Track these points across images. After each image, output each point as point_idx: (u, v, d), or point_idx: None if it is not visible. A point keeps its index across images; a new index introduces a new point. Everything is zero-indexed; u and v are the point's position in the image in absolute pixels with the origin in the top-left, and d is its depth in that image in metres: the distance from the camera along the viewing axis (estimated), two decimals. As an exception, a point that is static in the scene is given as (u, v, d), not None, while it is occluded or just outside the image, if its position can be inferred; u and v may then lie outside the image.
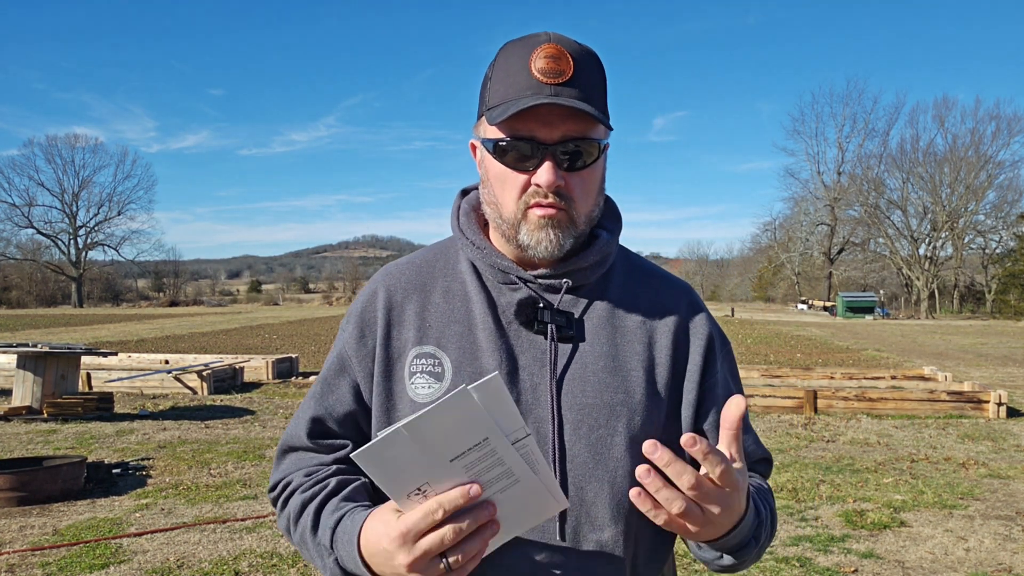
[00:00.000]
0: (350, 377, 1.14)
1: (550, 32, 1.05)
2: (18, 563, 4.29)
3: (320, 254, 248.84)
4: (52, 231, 67.69)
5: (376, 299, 1.16)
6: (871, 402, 9.35)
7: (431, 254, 1.21)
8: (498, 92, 1.05)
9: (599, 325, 1.12)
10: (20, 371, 8.58)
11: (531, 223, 1.06)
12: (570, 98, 1.01)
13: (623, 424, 1.08)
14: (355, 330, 1.15)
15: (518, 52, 1.04)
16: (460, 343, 1.10)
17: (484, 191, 1.12)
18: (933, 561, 4.39)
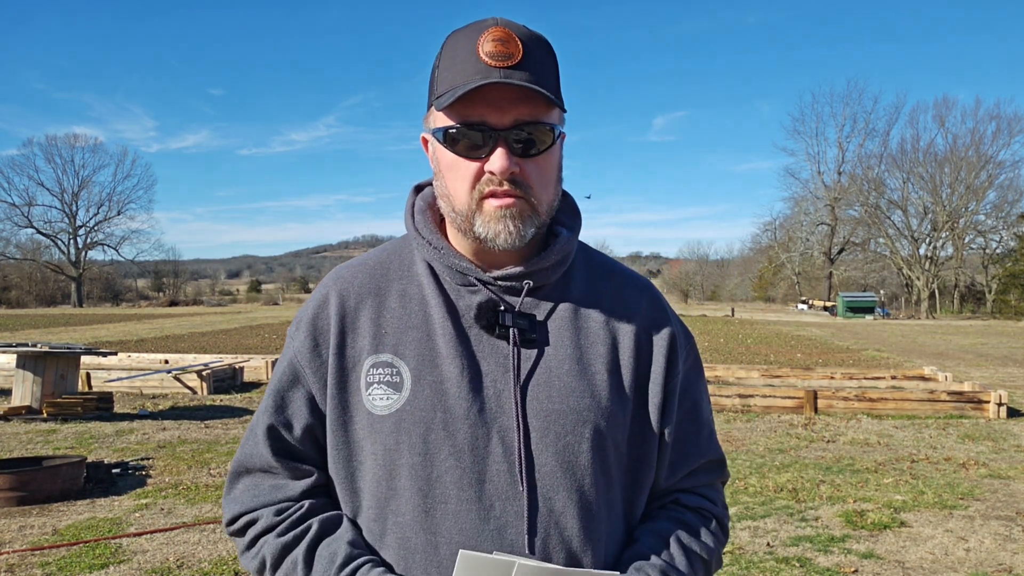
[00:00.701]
0: (304, 389, 1.07)
1: (497, 16, 1.02)
2: (18, 563, 4.28)
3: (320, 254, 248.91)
4: (52, 231, 67.74)
5: (328, 304, 1.08)
6: (871, 402, 9.34)
7: (384, 255, 1.14)
8: (446, 79, 1.00)
9: (562, 327, 1.07)
10: (20, 371, 8.58)
11: (487, 214, 1.01)
12: (521, 73, 0.97)
13: (590, 429, 1.04)
14: (307, 338, 1.07)
15: (465, 38, 1.00)
16: (419, 350, 1.04)
17: (437, 184, 1.07)
18: (933, 561, 4.39)
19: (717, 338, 23.02)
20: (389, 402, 1.02)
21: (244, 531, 1.08)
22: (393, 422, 1.02)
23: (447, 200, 1.04)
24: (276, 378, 1.10)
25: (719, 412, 9.34)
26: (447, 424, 1.01)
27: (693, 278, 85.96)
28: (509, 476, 1.01)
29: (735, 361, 15.74)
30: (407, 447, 1.01)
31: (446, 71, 1.01)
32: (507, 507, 1.00)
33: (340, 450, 1.05)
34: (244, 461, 1.10)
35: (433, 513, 1.00)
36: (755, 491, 5.83)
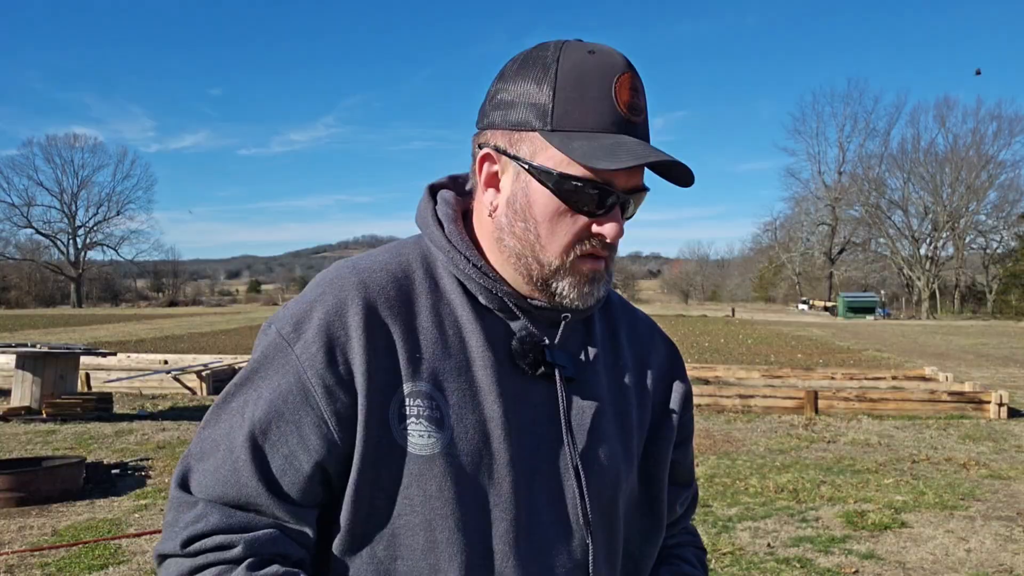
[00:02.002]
0: (315, 412, 0.88)
1: (612, 48, 0.91)
2: (17, 563, 4.27)
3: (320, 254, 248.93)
4: (51, 231, 67.87)
5: (347, 310, 0.89)
6: (872, 403, 9.34)
7: (405, 260, 0.96)
8: (572, 116, 0.87)
9: (597, 371, 1.00)
10: (19, 371, 8.57)
11: (579, 275, 0.92)
12: (647, 140, 0.90)
13: (624, 482, 0.99)
14: (321, 348, 0.87)
15: (596, 70, 0.88)
16: (458, 383, 0.91)
17: (509, 221, 0.92)
18: (934, 562, 4.38)
19: (717, 338, 23.02)
20: (431, 441, 0.88)
21: (197, 560, 0.87)
22: (435, 465, 0.88)
23: (527, 245, 0.91)
24: (265, 388, 0.89)
25: (719, 412, 9.34)
26: (493, 471, 0.90)
27: (693, 278, 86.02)
28: (563, 528, 0.94)
29: (735, 361, 15.74)
30: (452, 495, 0.89)
31: (573, 103, 0.87)
32: (558, 563, 0.94)
33: (364, 493, 0.89)
34: (216, 488, 0.88)
35: (477, 569, 0.90)
36: (756, 492, 5.82)
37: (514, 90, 0.90)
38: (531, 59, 0.91)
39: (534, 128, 0.88)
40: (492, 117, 0.92)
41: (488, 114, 0.93)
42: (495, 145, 0.92)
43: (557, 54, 0.89)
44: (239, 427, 0.88)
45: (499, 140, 0.92)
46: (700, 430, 8.26)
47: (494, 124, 0.92)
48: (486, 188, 0.94)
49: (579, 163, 0.86)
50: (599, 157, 0.85)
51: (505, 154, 0.91)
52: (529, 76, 0.89)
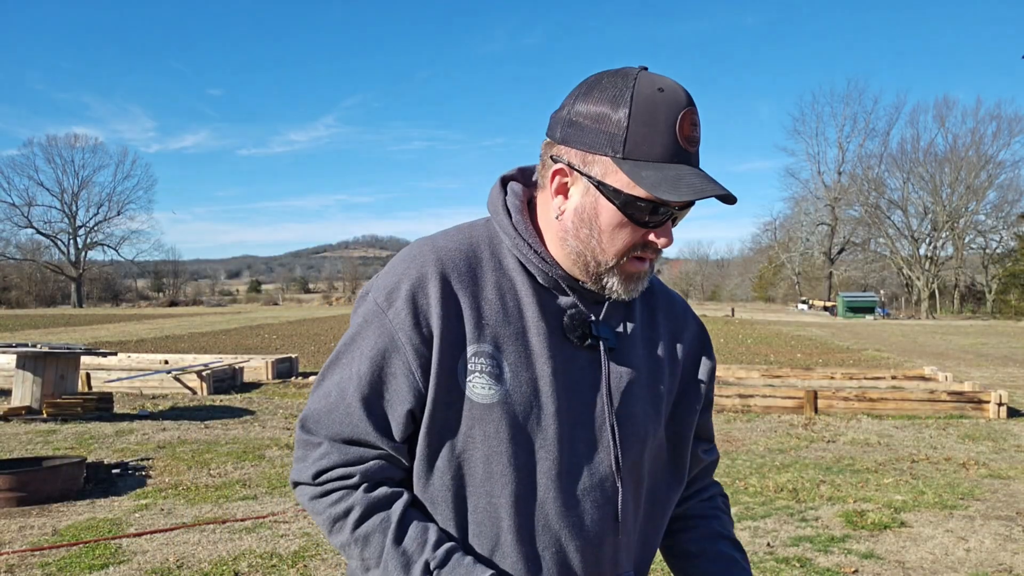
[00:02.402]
0: (405, 364, 1.07)
1: (680, 85, 1.06)
2: (17, 563, 4.28)
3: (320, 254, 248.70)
4: (52, 231, 67.78)
5: (428, 282, 1.08)
6: (871, 402, 9.34)
7: (474, 241, 1.14)
8: (641, 147, 1.02)
9: (635, 344, 1.18)
10: (19, 371, 8.58)
11: (626, 274, 1.10)
12: (705, 174, 1.05)
13: (651, 438, 1.17)
14: (408, 314, 1.07)
15: (664, 106, 1.02)
16: (516, 346, 1.09)
17: (575, 226, 1.08)
18: (934, 561, 4.39)
19: (717, 338, 23.03)
20: (491, 392, 1.07)
21: (325, 487, 1.10)
22: (493, 411, 1.07)
23: (586, 245, 1.08)
24: (367, 346, 1.08)
25: (719, 412, 9.34)
26: (541, 419, 1.09)
27: (693, 278, 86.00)
28: (597, 471, 1.11)
29: (735, 361, 15.74)
30: (506, 436, 1.07)
31: (643, 136, 1.02)
32: (590, 499, 1.11)
33: (439, 432, 1.09)
34: (333, 429, 1.09)
35: (527, 500, 1.09)
36: (755, 491, 5.82)
37: (590, 114, 1.05)
38: (607, 87, 1.05)
39: (606, 153, 1.04)
40: (567, 134, 1.07)
41: (563, 130, 1.07)
42: (569, 161, 1.07)
43: (631, 89, 1.03)
44: (348, 379, 1.09)
45: (572, 158, 1.07)
46: (700, 430, 8.27)
47: (568, 141, 1.07)
48: (556, 195, 1.10)
49: (630, 177, 1.02)
50: (664, 189, 1.00)
51: (578, 171, 1.07)
52: (604, 104, 1.04)
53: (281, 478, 6.17)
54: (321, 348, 18.39)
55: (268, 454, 7.05)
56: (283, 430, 8.19)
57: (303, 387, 11.56)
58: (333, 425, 1.09)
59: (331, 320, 32.57)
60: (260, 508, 5.37)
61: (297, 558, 4.38)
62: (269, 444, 7.47)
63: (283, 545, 4.60)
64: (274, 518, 5.12)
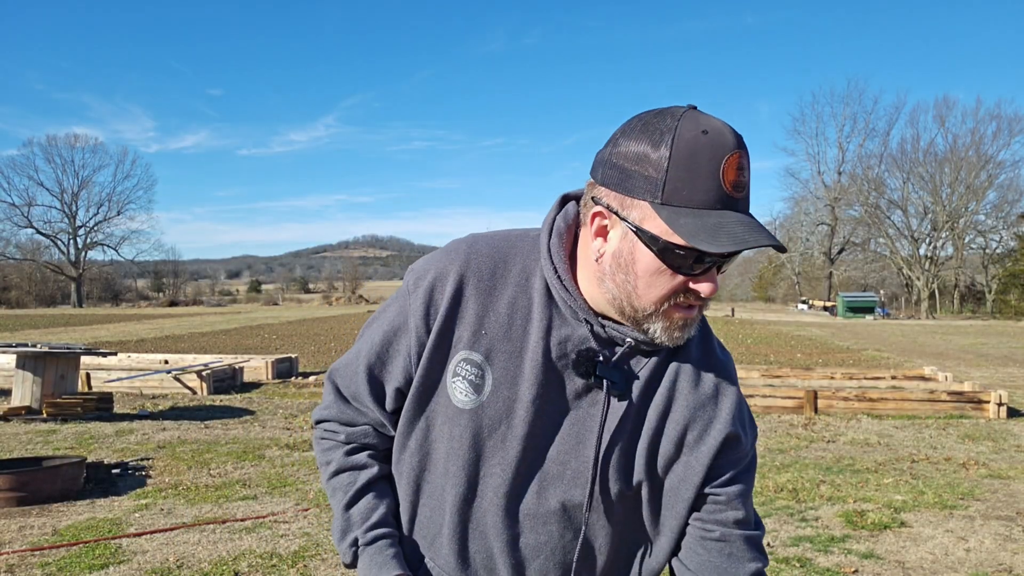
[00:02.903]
0: (407, 342, 1.14)
1: (726, 126, 1.00)
2: (17, 563, 4.28)
3: (320, 254, 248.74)
4: (52, 231, 67.73)
5: (447, 279, 1.12)
6: (871, 402, 9.34)
7: (513, 251, 1.14)
8: (681, 193, 0.97)
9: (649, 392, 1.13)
10: (19, 371, 8.58)
11: (672, 321, 1.05)
12: (754, 220, 1.02)
13: (647, 508, 1.15)
14: (422, 302, 1.13)
15: (707, 150, 0.97)
16: (507, 363, 1.10)
17: (613, 270, 1.05)
18: (933, 561, 4.39)
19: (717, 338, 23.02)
20: (467, 399, 1.11)
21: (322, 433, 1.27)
22: (463, 417, 1.11)
23: (624, 291, 1.04)
24: (387, 320, 1.17)
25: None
26: (506, 438, 1.10)
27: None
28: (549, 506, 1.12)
29: (735, 361, 15.73)
30: (468, 443, 1.11)
31: (684, 181, 0.97)
32: (536, 529, 1.13)
33: (416, 416, 1.16)
34: (343, 382, 1.22)
35: (470, 504, 1.13)
36: (755, 491, 5.83)
37: (630, 156, 1.00)
38: (649, 128, 1.00)
39: (645, 198, 0.99)
40: (608, 176, 1.03)
41: (604, 171, 1.04)
42: (607, 204, 1.04)
43: (673, 131, 0.98)
44: (365, 343, 1.19)
45: (612, 201, 1.03)
46: (700, 430, 8.27)
47: (608, 183, 1.03)
48: (595, 237, 1.07)
49: (667, 224, 0.98)
50: (701, 239, 0.96)
51: (616, 215, 1.03)
52: (645, 146, 0.99)
53: (281, 478, 6.17)
54: (321, 348, 18.38)
55: (268, 454, 7.05)
56: (283, 430, 8.19)
57: (303, 387, 11.56)
58: (343, 379, 1.22)
59: (331, 320, 32.55)
60: (260, 508, 5.37)
61: (297, 558, 4.38)
62: (269, 444, 7.47)
63: (283, 545, 4.60)
64: (274, 518, 5.12)
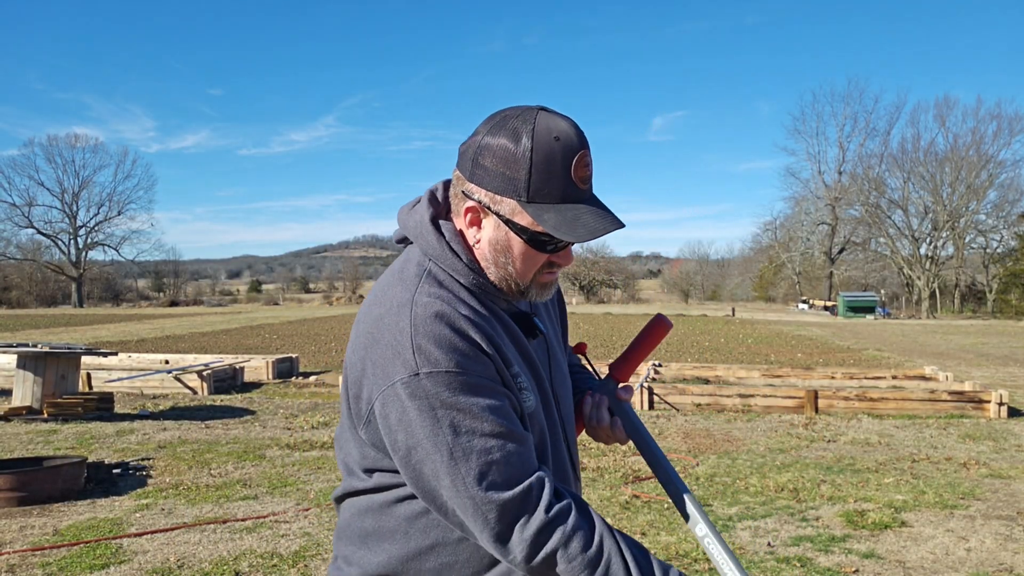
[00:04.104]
0: (504, 388, 1.24)
1: (572, 127, 1.22)
2: (18, 563, 4.28)
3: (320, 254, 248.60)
4: (52, 231, 67.64)
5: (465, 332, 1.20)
6: (872, 402, 9.34)
7: (440, 295, 1.24)
8: (542, 191, 1.20)
9: (541, 315, 1.45)
10: (20, 371, 8.58)
11: (542, 286, 1.31)
12: (603, 208, 1.25)
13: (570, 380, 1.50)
14: (475, 356, 1.20)
15: (560, 154, 1.19)
16: (518, 361, 1.30)
17: (493, 255, 1.26)
18: (934, 561, 4.39)
19: (717, 338, 23.02)
20: (531, 403, 1.29)
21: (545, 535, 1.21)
22: (536, 418, 1.30)
23: (505, 271, 1.27)
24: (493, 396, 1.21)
25: (720, 412, 9.35)
26: (547, 412, 1.35)
27: (693, 278, 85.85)
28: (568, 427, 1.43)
29: (736, 361, 15.74)
30: (540, 432, 1.31)
31: (542, 184, 1.19)
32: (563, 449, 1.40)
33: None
34: (514, 487, 1.20)
35: (558, 464, 1.36)
36: (756, 491, 5.82)
37: (496, 159, 1.20)
38: (508, 131, 1.20)
39: (512, 197, 1.21)
40: (477, 175, 1.23)
41: (473, 170, 1.23)
42: (479, 200, 1.24)
43: (531, 136, 1.19)
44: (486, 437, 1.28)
45: (483, 197, 1.23)
46: (700, 429, 8.27)
47: (477, 181, 1.23)
48: (470, 226, 1.27)
49: (534, 217, 1.20)
50: (564, 231, 1.20)
51: (489, 209, 1.24)
52: (507, 147, 1.20)
53: (282, 478, 6.17)
54: (322, 348, 18.38)
55: (269, 454, 7.05)
56: (283, 430, 8.19)
57: (303, 387, 11.56)
58: (512, 485, 1.22)
59: (332, 320, 32.55)
60: (261, 508, 5.37)
61: (298, 558, 4.39)
62: (270, 444, 7.47)
63: (284, 545, 4.60)
64: (275, 518, 5.12)
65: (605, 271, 74.74)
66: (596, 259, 74.65)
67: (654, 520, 5.04)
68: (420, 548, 1.27)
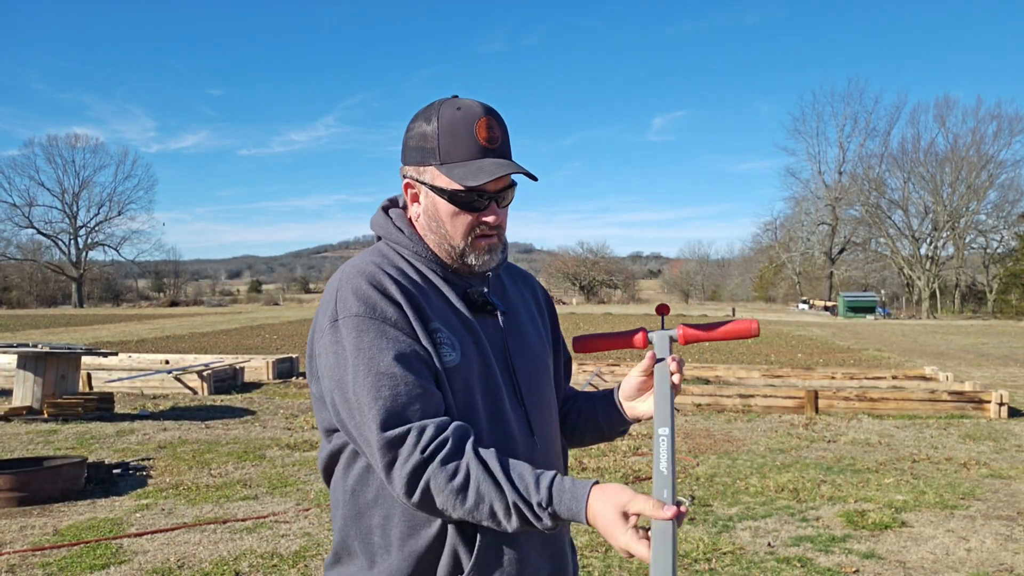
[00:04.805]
0: (412, 338, 1.33)
1: (473, 101, 1.38)
2: (19, 563, 4.28)
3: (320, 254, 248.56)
4: (52, 231, 67.66)
5: (379, 281, 1.34)
6: (872, 402, 9.34)
7: (379, 259, 1.41)
8: (450, 153, 1.35)
9: (511, 302, 1.54)
10: (20, 371, 8.58)
11: (480, 250, 1.41)
12: (508, 161, 1.37)
13: (544, 362, 1.54)
14: (388, 305, 1.32)
15: (460, 120, 1.35)
16: (450, 323, 1.38)
17: (428, 222, 1.41)
18: (934, 561, 4.39)
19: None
20: (452, 358, 1.36)
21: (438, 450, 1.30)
22: (458, 373, 1.36)
23: (441, 236, 1.40)
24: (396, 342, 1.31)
25: (720, 412, 9.35)
26: (487, 367, 1.41)
27: (693, 278, 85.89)
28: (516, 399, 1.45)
29: (736, 361, 15.74)
30: (475, 389, 1.38)
31: (449, 145, 1.35)
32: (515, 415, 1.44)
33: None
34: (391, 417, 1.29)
35: (498, 424, 1.40)
36: (756, 491, 5.82)
37: (415, 138, 1.40)
38: (423, 116, 1.39)
39: (431, 164, 1.38)
40: (406, 155, 1.42)
41: (404, 154, 1.43)
42: (411, 176, 1.42)
43: (437, 113, 1.37)
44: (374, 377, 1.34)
45: (412, 172, 1.42)
46: (700, 429, 8.27)
47: (407, 161, 1.42)
48: (411, 203, 1.45)
49: (448, 177, 1.35)
50: (468, 178, 1.34)
51: (417, 181, 1.41)
52: (423, 128, 1.39)
53: (282, 478, 6.17)
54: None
55: (269, 454, 7.05)
56: (284, 430, 8.19)
57: (304, 387, 11.56)
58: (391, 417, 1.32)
59: (332, 320, 32.52)
60: (261, 508, 5.37)
61: (298, 558, 4.39)
62: (270, 444, 7.47)
63: (284, 545, 4.60)
64: (275, 518, 5.12)
65: (605, 271, 74.77)
66: (596, 259, 74.71)
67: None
68: (366, 502, 1.37)
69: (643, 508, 1.19)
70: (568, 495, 1.22)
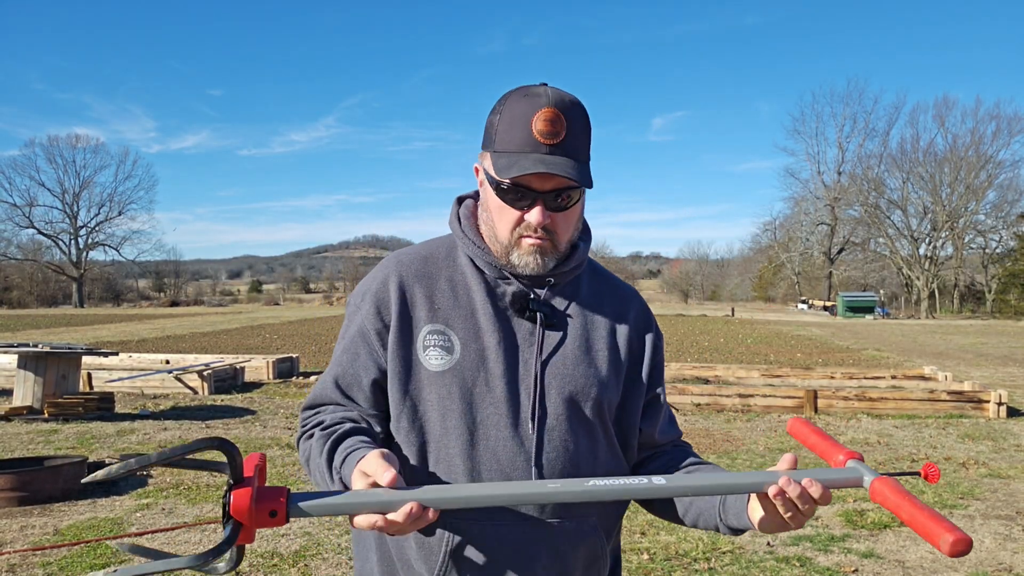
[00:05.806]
0: (370, 347, 1.34)
1: (549, 90, 1.26)
2: (19, 563, 4.29)
3: (321, 254, 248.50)
4: (53, 231, 67.65)
5: (389, 282, 1.35)
6: (871, 402, 9.35)
7: (433, 247, 1.42)
8: (503, 141, 1.27)
9: (574, 316, 1.38)
10: (21, 371, 8.59)
11: (523, 249, 1.31)
12: (562, 160, 1.24)
13: (594, 392, 1.34)
14: (371, 308, 1.35)
15: (523, 108, 1.25)
16: (465, 324, 1.33)
17: (483, 212, 1.36)
18: (933, 561, 4.40)
19: (717, 338, 23.02)
20: (442, 361, 1.30)
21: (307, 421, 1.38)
22: (446, 377, 1.30)
23: (491, 228, 1.33)
24: (348, 338, 1.37)
25: (719, 412, 9.35)
26: (488, 381, 1.30)
27: (693, 278, 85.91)
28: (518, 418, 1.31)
29: (735, 361, 15.75)
30: (458, 396, 1.29)
31: (504, 133, 1.27)
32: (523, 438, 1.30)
33: (402, 397, 1.32)
34: (315, 399, 1.39)
35: (476, 447, 1.28)
36: (755, 491, 5.83)
37: (488, 120, 1.32)
38: (501, 99, 1.31)
39: (489, 149, 1.30)
40: (482, 142, 1.34)
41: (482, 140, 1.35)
42: (478, 158, 1.36)
43: (506, 98, 1.29)
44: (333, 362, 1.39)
45: (480, 158, 1.35)
46: (700, 429, 8.28)
47: (482, 147, 1.34)
48: (481, 186, 1.37)
49: (496, 173, 1.26)
50: (504, 170, 1.25)
51: (480, 165, 1.35)
52: (495, 111, 1.30)
53: (282, 478, 6.18)
54: (322, 348, 18.39)
55: (269, 453, 7.06)
56: (284, 429, 8.20)
57: (304, 387, 11.57)
58: (316, 397, 1.39)
59: (332, 320, 32.56)
60: (261, 507, 5.38)
61: (298, 557, 4.40)
62: (270, 444, 7.48)
63: (284, 544, 4.61)
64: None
65: (605, 271, 74.71)
66: (596, 259, 74.71)
67: (653, 520, 5.05)
68: None
69: (367, 467, 1.12)
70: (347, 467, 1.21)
